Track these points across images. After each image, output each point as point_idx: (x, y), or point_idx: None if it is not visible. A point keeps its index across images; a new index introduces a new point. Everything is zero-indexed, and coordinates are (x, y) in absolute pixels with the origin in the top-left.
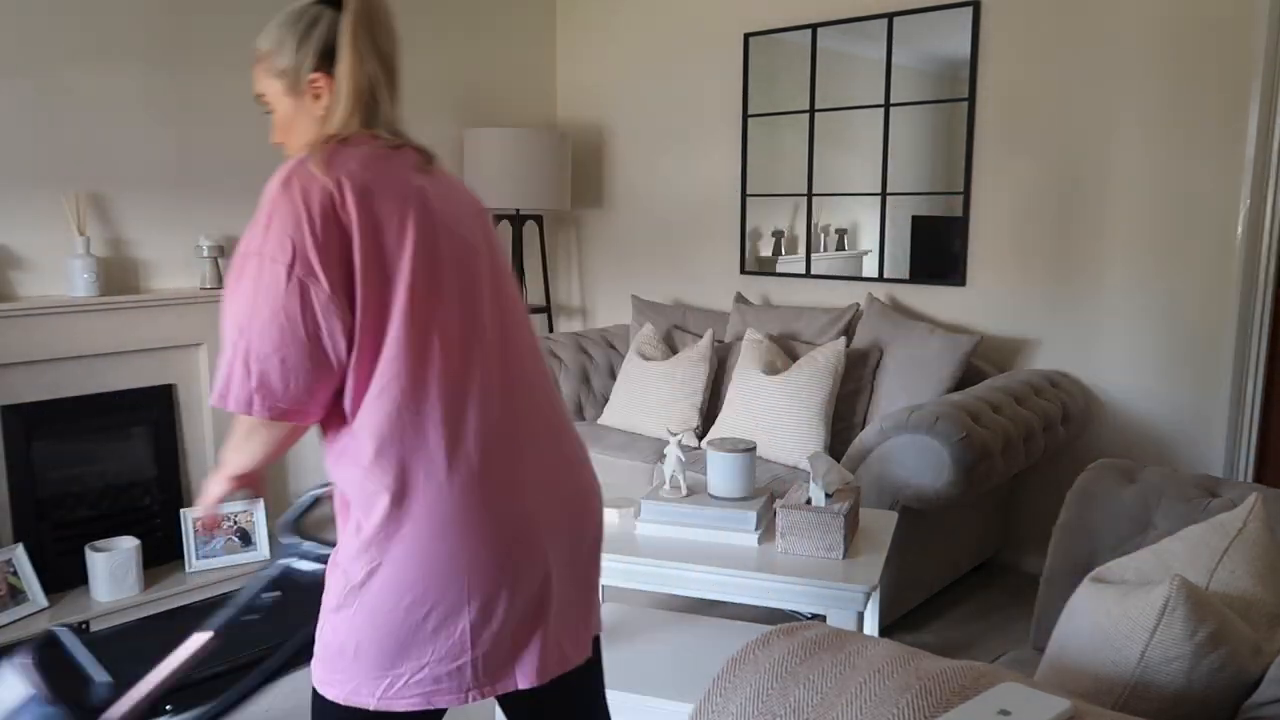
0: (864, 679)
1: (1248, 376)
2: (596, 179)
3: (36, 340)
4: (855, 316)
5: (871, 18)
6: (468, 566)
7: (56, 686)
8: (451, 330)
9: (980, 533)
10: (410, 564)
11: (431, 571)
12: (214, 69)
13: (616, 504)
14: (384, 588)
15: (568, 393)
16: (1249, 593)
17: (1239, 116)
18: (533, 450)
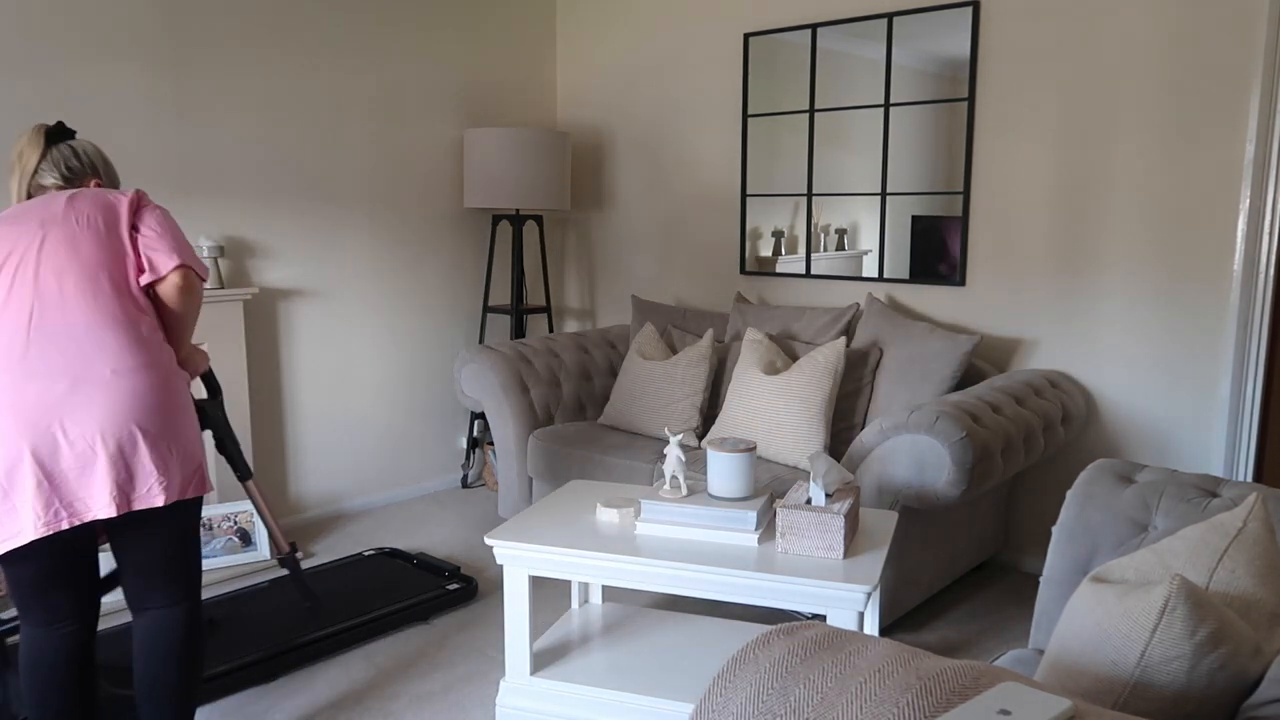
0: (864, 679)
1: (1247, 376)
2: (596, 179)
3: None
4: (855, 316)
5: (871, 18)
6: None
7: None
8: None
9: (980, 533)
10: None
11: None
12: (214, 69)
13: (616, 504)
14: None
15: (568, 393)
16: (1249, 593)
17: (1239, 116)
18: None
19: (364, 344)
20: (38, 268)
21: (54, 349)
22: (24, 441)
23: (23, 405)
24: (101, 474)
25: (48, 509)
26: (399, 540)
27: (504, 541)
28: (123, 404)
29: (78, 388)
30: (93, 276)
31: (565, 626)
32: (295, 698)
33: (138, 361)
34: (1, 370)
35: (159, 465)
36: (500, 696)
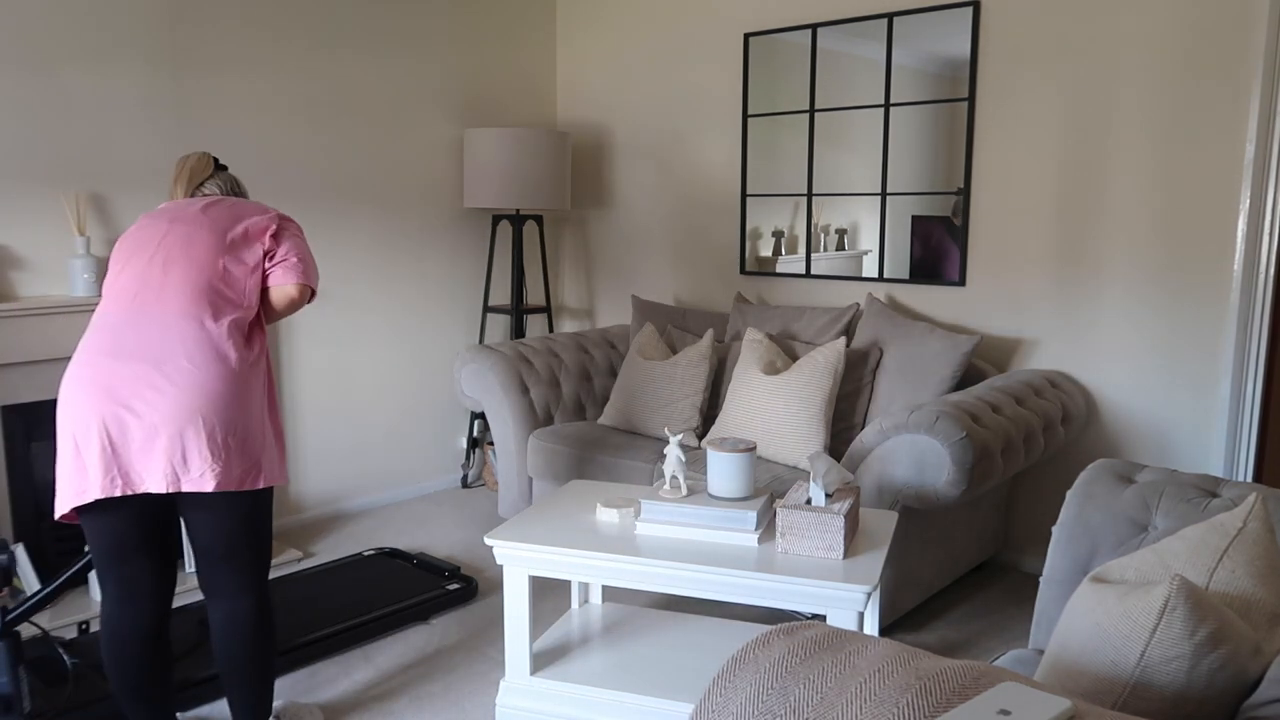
0: (864, 679)
1: (1247, 376)
2: (596, 179)
3: (36, 340)
4: (855, 316)
5: (871, 18)
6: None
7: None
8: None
9: (980, 533)
10: None
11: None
12: (214, 69)
13: (616, 504)
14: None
15: (568, 393)
16: (1249, 593)
17: (1239, 117)
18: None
19: (364, 344)
20: (152, 256)
21: (144, 332)
22: (97, 413)
23: (104, 381)
24: (160, 452)
25: (106, 474)
26: (399, 540)
27: (504, 541)
28: (191, 392)
29: (155, 371)
30: (196, 273)
31: (565, 626)
32: (295, 698)
33: (213, 355)
34: (94, 347)
35: (214, 453)
36: (500, 696)
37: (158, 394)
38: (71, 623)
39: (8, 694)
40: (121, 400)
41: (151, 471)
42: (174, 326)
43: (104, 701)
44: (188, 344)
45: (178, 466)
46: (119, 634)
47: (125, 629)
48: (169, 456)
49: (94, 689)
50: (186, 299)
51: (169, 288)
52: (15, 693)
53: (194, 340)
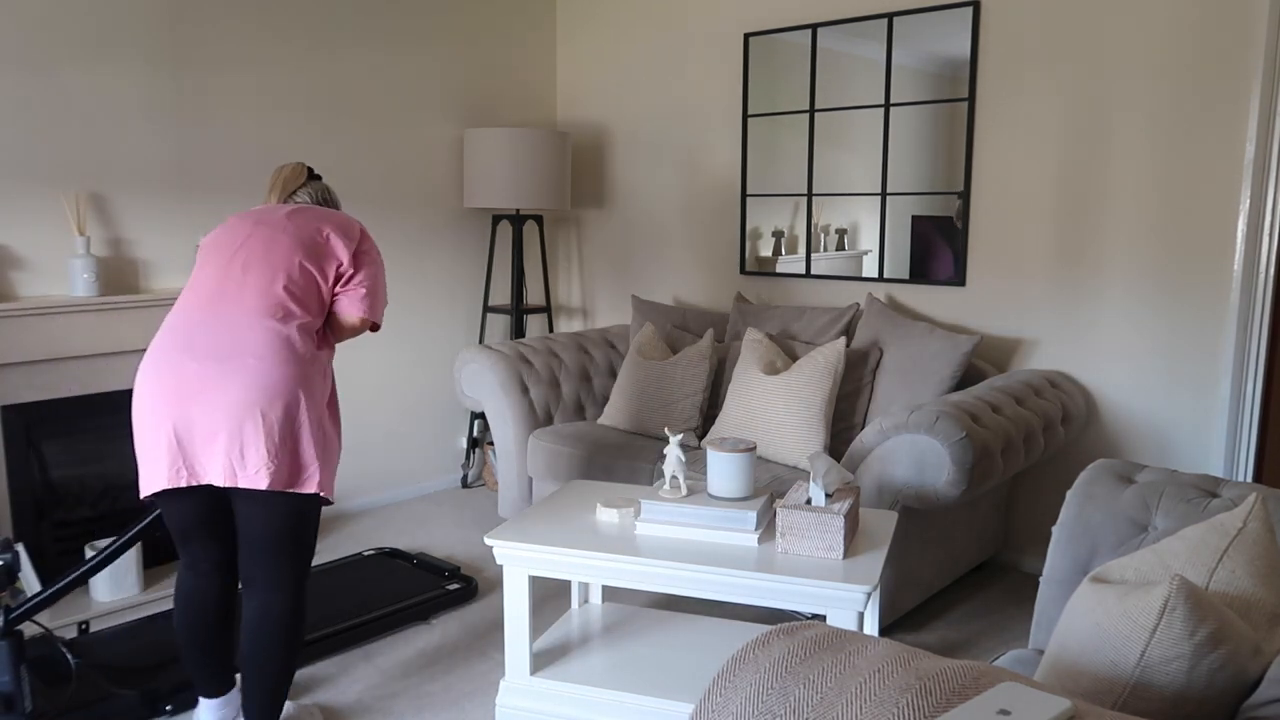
0: (864, 679)
1: (1247, 376)
2: (596, 179)
3: (36, 340)
4: (855, 316)
5: (871, 18)
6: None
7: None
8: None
9: (980, 533)
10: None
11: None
12: (214, 69)
13: (616, 504)
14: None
15: (568, 393)
16: (1249, 593)
17: (1239, 116)
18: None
19: (364, 344)
20: (233, 257)
21: (217, 332)
22: (168, 412)
23: (175, 380)
24: (220, 447)
25: (172, 467)
26: (399, 540)
27: (504, 541)
28: (254, 390)
29: (223, 369)
30: (273, 276)
31: (565, 626)
32: (295, 698)
33: (280, 358)
34: (172, 345)
35: (270, 451)
36: (500, 696)
37: (222, 392)
38: (71, 622)
39: (9, 693)
40: (189, 398)
41: (212, 466)
42: (245, 327)
43: (106, 701)
44: (257, 344)
45: (235, 463)
46: (190, 603)
47: (194, 595)
48: (228, 453)
49: (96, 689)
50: (260, 300)
51: (246, 288)
52: (17, 692)
53: (263, 341)
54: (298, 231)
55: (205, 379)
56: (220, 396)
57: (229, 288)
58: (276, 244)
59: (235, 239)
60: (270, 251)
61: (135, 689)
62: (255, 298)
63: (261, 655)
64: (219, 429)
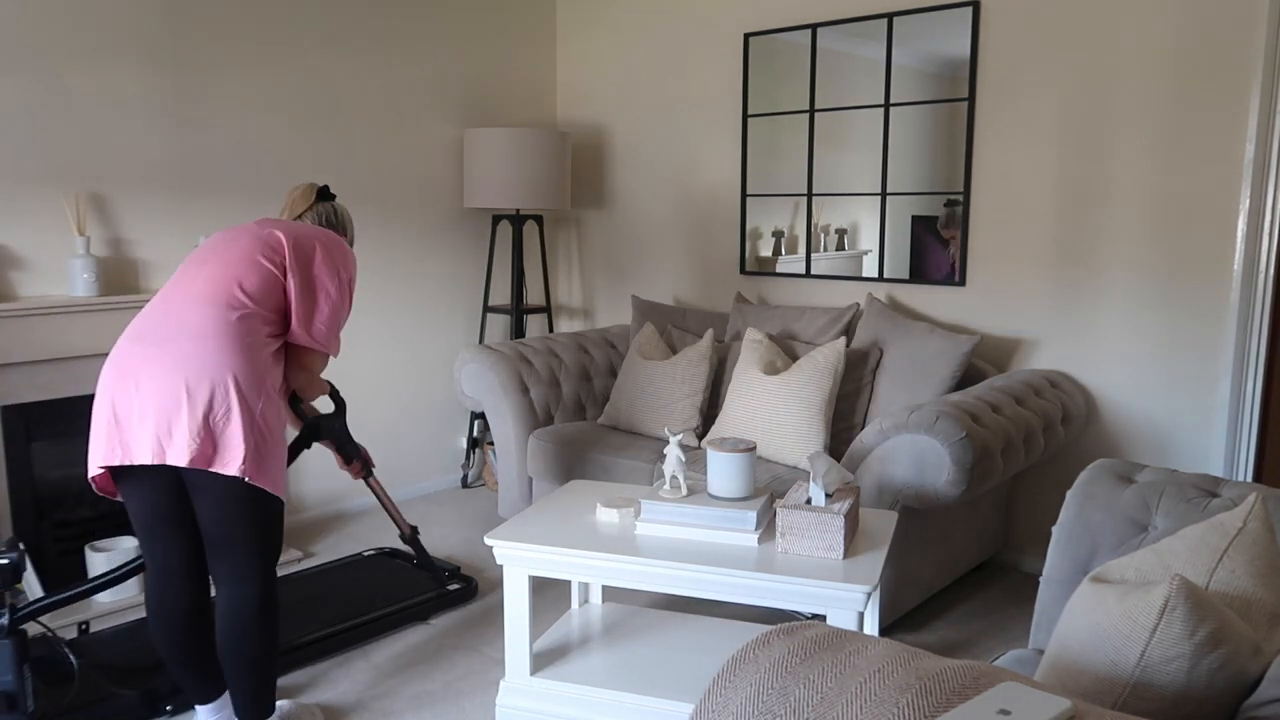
0: (864, 679)
1: (1247, 376)
2: (596, 179)
3: (36, 340)
4: (855, 316)
5: (871, 18)
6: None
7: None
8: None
9: (980, 533)
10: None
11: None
12: (214, 69)
13: (616, 504)
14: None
15: (568, 393)
16: (1249, 592)
17: (1239, 117)
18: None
19: (364, 344)
20: (197, 257)
21: (163, 318)
22: (110, 393)
23: (121, 361)
24: (150, 425)
25: (109, 444)
26: (399, 540)
27: (504, 541)
28: (186, 369)
29: (161, 350)
30: (225, 269)
31: (565, 626)
32: (295, 697)
33: (217, 342)
34: (127, 334)
35: (193, 430)
36: (500, 696)
37: (157, 372)
38: (71, 623)
39: (12, 692)
40: (128, 377)
41: (143, 443)
42: (186, 311)
43: (107, 701)
44: (195, 327)
45: (163, 439)
46: (161, 610)
47: (164, 605)
48: (156, 430)
49: (97, 689)
50: (208, 288)
51: (198, 279)
52: (19, 691)
53: (201, 324)
54: (260, 233)
55: (144, 359)
56: (155, 376)
57: (184, 282)
58: (237, 243)
59: (208, 245)
60: (229, 249)
61: (135, 689)
62: (203, 286)
63: (235, 648)
64: (149, 407)
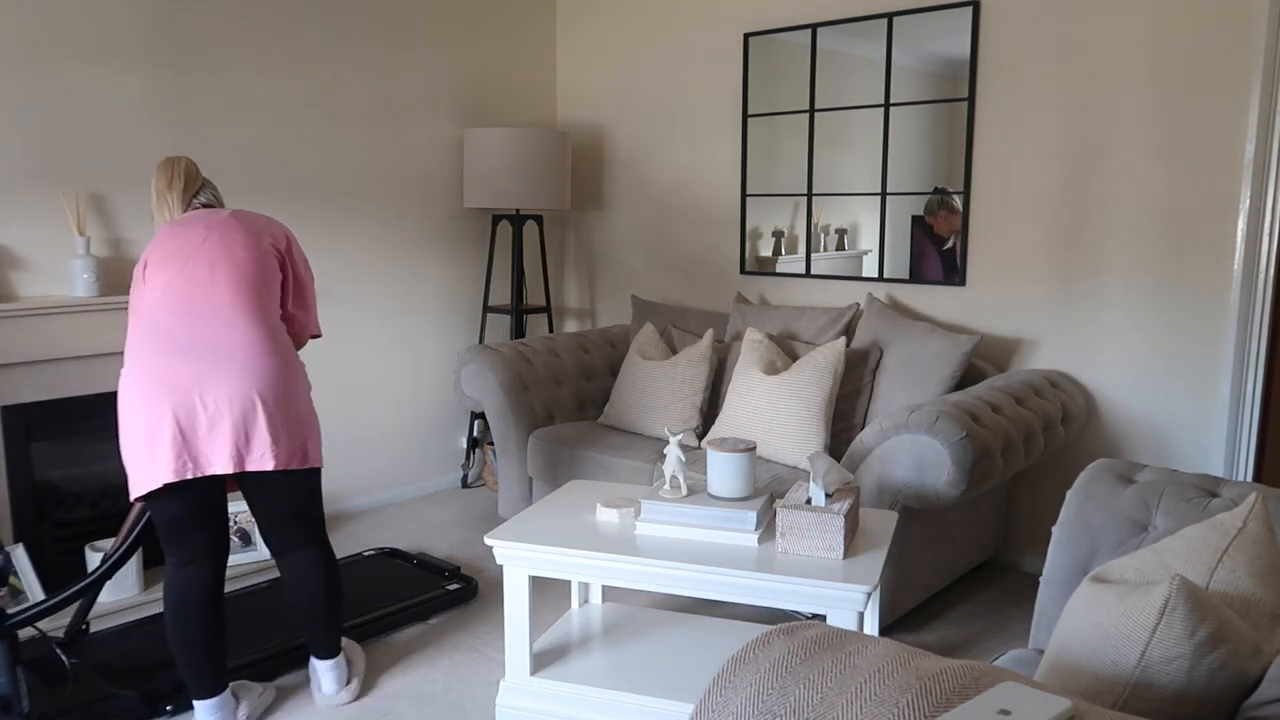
0: (864, 679)
1: (1247, 376)
2: (596, 179)
3: (36, 340)
4: (855, 316)
5: (871, 18)
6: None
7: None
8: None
9: (980, 533)
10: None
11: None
12: (214, 69)
13: (616, 504)
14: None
15: (568, 393)
16: (1249, 592)
17: (1239, 116)
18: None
19: (364, 344)
20: (196, 259)
21: (201, 330)
22: (168, 406)
23: (171, 377)
24: (225, 436)
25: (178, 460)
26: (399, 540)
27: (504, 541)
28: (250, 381)
29: (216, 364)
30: (240, 273)
31: (565, 626)
32: (295, 697)
33: (265, 349)
34: (156, 348)
35: (273, 435)
36: (500, 696)
37: (220, 385)
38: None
39: (6, 694)
40: (188, 393)
41: (218, 454)
42: (227, 322)
43: (103, 702)
44: (241, 337)
45: (241, 448)
46: (183, 596)
47: (187, 591)
48: (234, 440)
49: (93, 689)
50: (235, 296)
51: (218, 285)
52: (14, 693)
53: (246, 334)
54: (246, 229)
55: (200, 375)
56: (219, 389)
57: (201, 289)
58: (235, 243)
59: (190, 243)
60: (231, 250)
61: (135, 689)
62: (230, 294)
63: (315, 600)
64: (222, 418)
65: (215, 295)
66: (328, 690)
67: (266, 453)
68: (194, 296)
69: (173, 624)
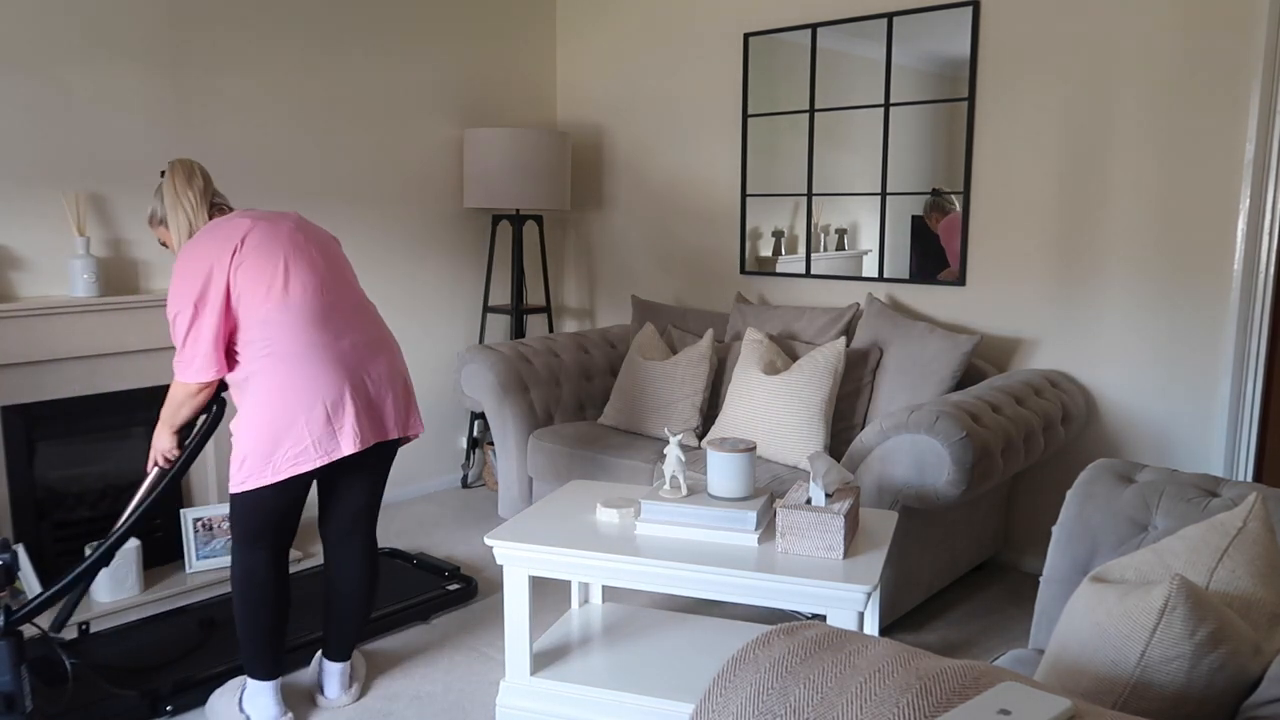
0: (864, 679)
1: (1247, 376)
2: (596, 179)
3: (36, 340)
4: (855, 316)
5: (871, 18)
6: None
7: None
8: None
9: (980, 533)
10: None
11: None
12: (214, 69)
13: (616, 504)
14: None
15: (568, 393)
16: (1249, 592)
17: (1239, 116)
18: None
19: None
20: (312, 253)
21: (345, 315)
22: (346, 382)
23: (340, 355)
24: (392, 406)
25: (362, 431)
26: (399, 540)
27: (504, 541)
28: (393, 358)
29: (371, 345)
30: (340, 267)
31: (565, 626)
32: (295, 698)
33: (387, 330)
34: (314, 328)
35: (415, 404)
36: (500, 697)
37: (375, 361)
38: (71, 623)
39: (10, 692)
40: (357, 369)
41: (390, 421)
42: (358, 308)
43: (104, 702)
44: (373, 320)
45: (402, 415)
46: (264, 580)
47: (266, 575)
48: (397, 407)
49: (94, 690)
50: (351, 286)
51: (338, 277)
52: (17, 691)
53: (374, 317)
54: (319, 231)
55: (364, 353)
56: (378, 365)
57: (327, 282)
58: (323, 239)
59: (292, 239)
60: (325, 246)
61: (135, 689)
62: (347, 284)
63: (367, 596)
64: (388, 391)
65: (339, 284)
66: (332, 694)
67: (416, 419)
68: (326, 285)
69: (248, 607)
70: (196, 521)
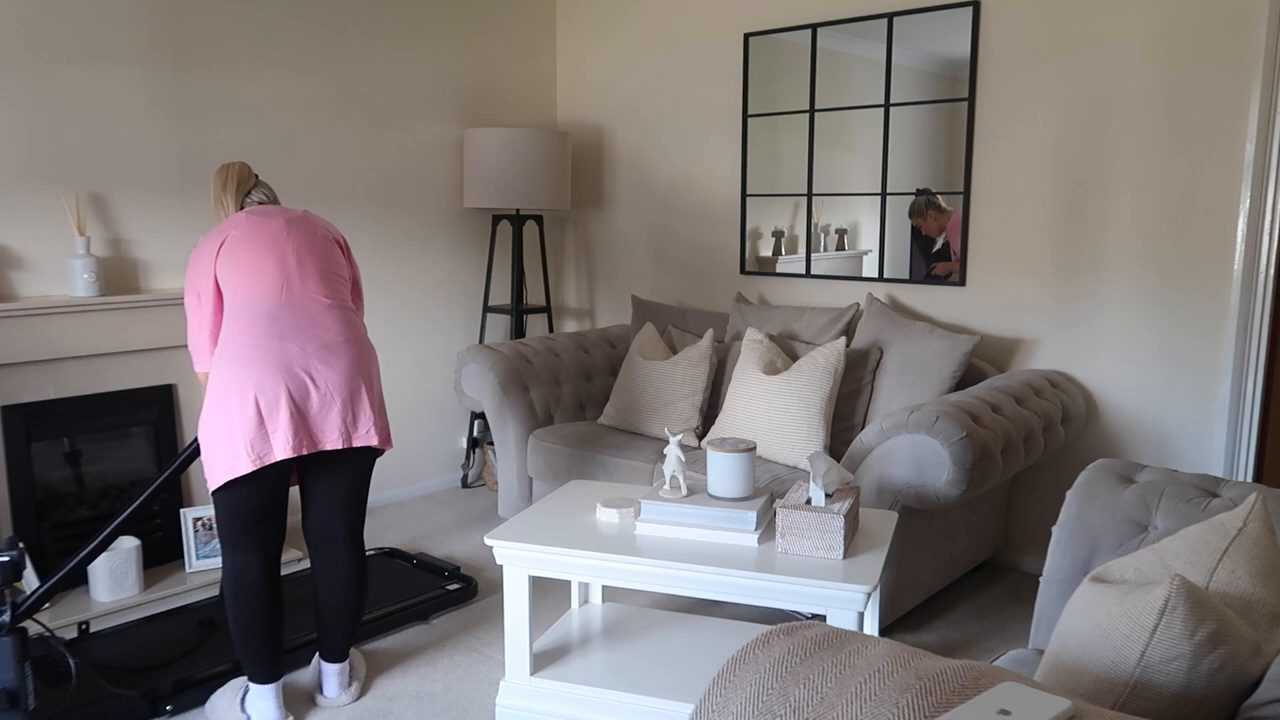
0: (864, 679)
1: (1247, 376)
2: (596, 179)
3: (36, 340)
4: (855, 316)
5: (871, 18)
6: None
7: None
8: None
9: (980, 533)
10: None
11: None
12: (214, 69)
13: (616, 504)
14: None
15: (568, 393)
16: (1249, 593)
17: (1239, 116)
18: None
19: None
20: (285, 252)
21: (299, 317)
22: (282, 385)
23: (277, 360)
24: (336, 415)
25: (295, 437)
26: (399, 540)
27: (504, 541)
28: (351, 365)
29: (321, 349)
30: (324, 265)
31: (565, 626)
32: (294, 698)
33: (354, 335)
34: (260, 330)
35: (376, 413)
36: (500, 696)
37: (328, 367)
38: (71, 623)
39: (13, 689)
40: (299, 373)
41: (330, 431)
42: (324, 310)
43: (105, 701)
44: (339, 324)
45: (349, 426)
46: (251, 583)
47: (254, 578)
48: (343, 418)
49: (96, 689)
50: (322, 286)
51: (308, 275)
52: (21, 688)
53: (341, 320)
54: (318, 226)
55: (309, 357)
56: (328, 371)
57: (294, 280)
58: (314, 237)
59: (273, 237)
60: (312, 244)
61: (135, 689)
62: (318, 285)
63: (345, 601)
64: (333, 399)
65: (307, 285)
66: (331, 693)
67: (370, 430)
68: (289, 285)
69: (251, 611)
70: (196, 521)
